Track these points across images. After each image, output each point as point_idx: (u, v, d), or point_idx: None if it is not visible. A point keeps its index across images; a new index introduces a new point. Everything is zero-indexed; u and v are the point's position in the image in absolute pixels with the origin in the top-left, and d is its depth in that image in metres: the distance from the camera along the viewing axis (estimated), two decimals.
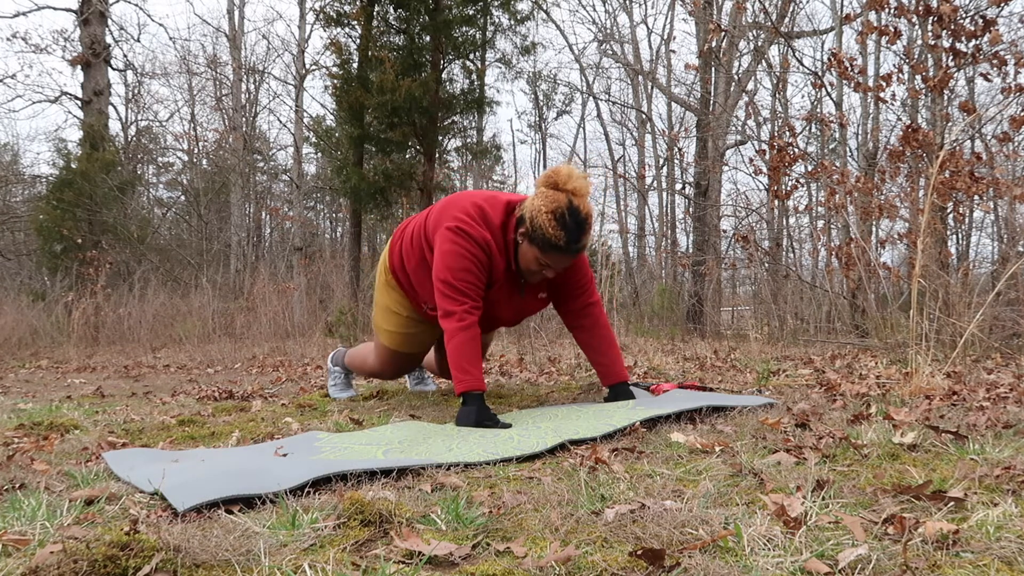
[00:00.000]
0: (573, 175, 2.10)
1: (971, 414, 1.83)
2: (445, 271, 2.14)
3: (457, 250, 2.13)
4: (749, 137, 8.86)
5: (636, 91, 16.91)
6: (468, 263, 2.14)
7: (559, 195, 2.08)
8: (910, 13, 4.93)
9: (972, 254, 9.99)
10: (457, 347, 2.09)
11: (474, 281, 2.15)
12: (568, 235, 2.07)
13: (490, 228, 2.18)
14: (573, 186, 2.09)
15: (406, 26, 8.90)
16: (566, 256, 2.13)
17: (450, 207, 2.22)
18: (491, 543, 1.03)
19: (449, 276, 2.13)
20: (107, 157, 12.11)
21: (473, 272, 2.15)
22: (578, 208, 2.08)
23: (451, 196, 2.31)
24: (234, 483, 1.31)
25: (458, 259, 2.13)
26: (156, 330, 7.90)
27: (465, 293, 2.13)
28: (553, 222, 2.05)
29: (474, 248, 2.14)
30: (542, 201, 2.08)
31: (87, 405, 2.93)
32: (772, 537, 0.97)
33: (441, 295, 2.14)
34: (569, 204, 2.07)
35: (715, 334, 7.15)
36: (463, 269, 2.13)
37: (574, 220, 2.07)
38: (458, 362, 2.07)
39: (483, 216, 2.18)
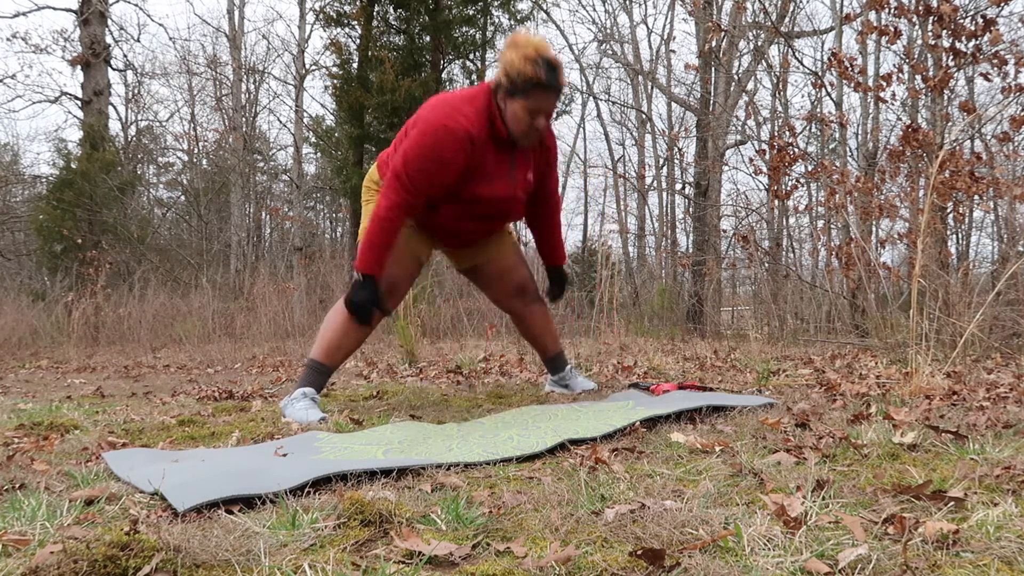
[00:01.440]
0: (531, 36, 2.26)
1: (971, 414, 1.83)
2: (401, 160, 2.23)
3: (425, 145, 2.20)
4: (749, 137, 8.86)
5: (636, 91, 16.92)
6: (433, 162, 2.21)
7: (526, 47, 2.21)
8: (910, 13, 4.93)
9: (972, 254, 9.99)
10: (375, 234, 2.23)
11: (424, 181, 2.23)
12: (546, 71, 2.20)
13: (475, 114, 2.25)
14: (535, 41, 2.23)
15: (406, 26, 8.90)
16: (549, 94, 2.25)
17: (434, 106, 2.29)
18: (491, 543, 1.03)
19: (401, 167, 2.22)
20: (107, 157, 12.11)
21: (430, 172, 2.22)
22: (546, 52, 2.23)
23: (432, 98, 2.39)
24: (234, 483, 1.31)
25: (420, 154, 2.21)
26: (156, 330, 7.90)
27: (409, 188, 2.22)
28: (529, 64, 2.18)
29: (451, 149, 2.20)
30: (512, 54, 2.21)
31: (87, 405, 2.93)
32: (772, 537, 0.97)
33: (387, 179, 2.26)
34: (536, 50, 2.21)
35: (715, 334, 7.15)
36: (421, 165, 2.21)
37: (546, 61, 2.21)
38: (370, 247, 2.23)
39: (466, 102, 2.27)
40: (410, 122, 2.36)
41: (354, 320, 2.34)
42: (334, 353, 2.43)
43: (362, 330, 2.43)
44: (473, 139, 2.22)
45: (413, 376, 3.73)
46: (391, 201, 2.24)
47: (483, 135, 2.26)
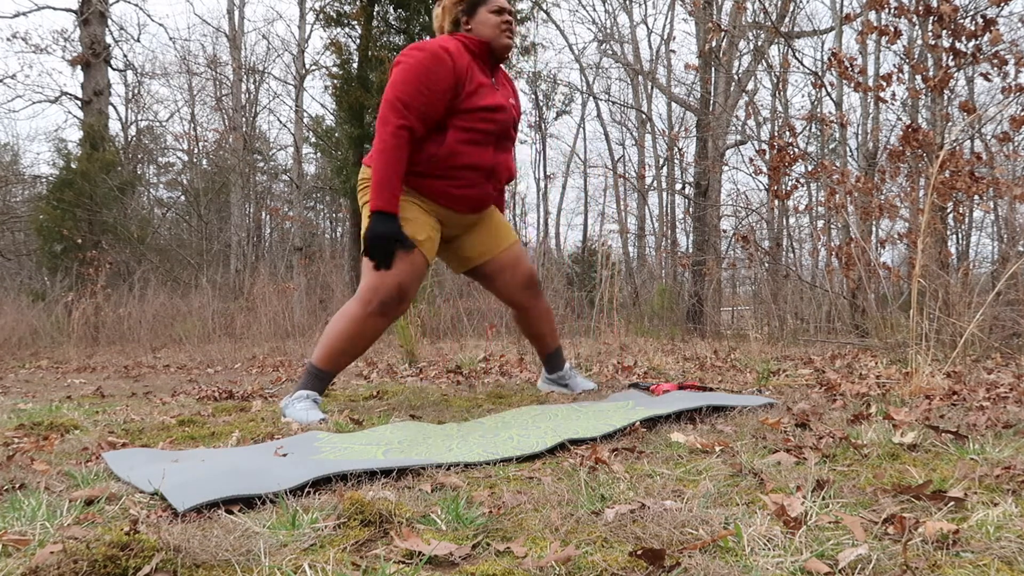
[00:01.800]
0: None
1: (971, 414, 1.83)
2: (391, 89, 2.25)
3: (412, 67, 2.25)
4: (749, 137, 8.86)
5: (636, 91, 16.92)
6: (421, 78, 2.24)
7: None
8: (910, 13, 4.93)
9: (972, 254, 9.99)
10: (385, 163, 2.23)
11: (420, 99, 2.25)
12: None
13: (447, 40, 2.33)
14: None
15: (406, 26, 8.91)
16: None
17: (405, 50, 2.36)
18: (491, 543, 1.03)
19: (392, 94, 2.24)
20: (107, 157, 12.11)
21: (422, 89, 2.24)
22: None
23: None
24: (234, 483, 1.31)
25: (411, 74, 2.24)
26: (156, 330, 7.90)
27: (407, 106, 2.24)
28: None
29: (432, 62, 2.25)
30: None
31: (87, 405, 2.93)
32: (772, 537, 0.97)
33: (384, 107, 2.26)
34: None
35: (715, 334, 7.15)
36: (412, 84, 2.24)
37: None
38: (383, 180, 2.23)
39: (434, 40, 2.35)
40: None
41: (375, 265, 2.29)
42: (337, 359, 2.36)
43: (368, 341, 2.37)
44: (449, 52, 2.29)
45: (413, 376, 3.73)
46: (391, 125, 2.24)
47: (462, 56, 2.34)
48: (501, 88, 2.49)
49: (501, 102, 2.43)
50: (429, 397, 2.79)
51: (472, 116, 2.35)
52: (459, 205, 2.49)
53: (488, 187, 2.50)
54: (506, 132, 2.48)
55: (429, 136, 2.36)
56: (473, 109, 2.35)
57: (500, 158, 2.50)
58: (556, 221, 21.23)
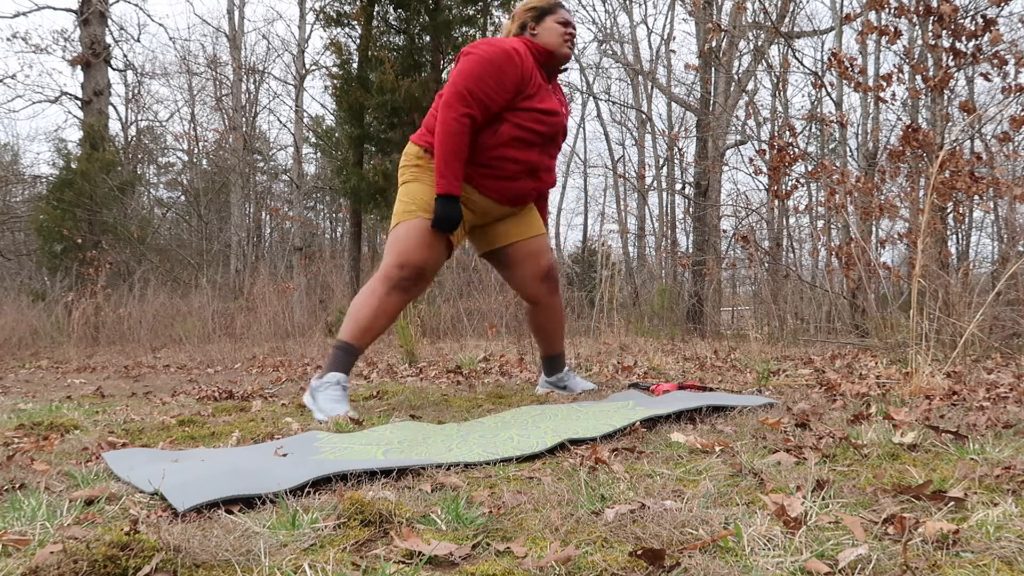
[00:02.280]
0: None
1: (971, 414, 1.83)
2: (459, 77, 2.32)
3: (475, 63, 2.32)
4: (749, 137, 8.86)
5: (636, 91, 16.92)
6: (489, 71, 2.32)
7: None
8: (910, 13, 4.93)
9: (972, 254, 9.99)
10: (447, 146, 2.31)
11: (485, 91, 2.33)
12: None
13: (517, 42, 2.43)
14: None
15: (406, 26, 8.90)
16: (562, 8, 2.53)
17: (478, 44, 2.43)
18: (491, 543, 1.03)
19: (460, 81, 2.31)
20: (107, 157, 12.11)
21: (488, 82, 2.32)
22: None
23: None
24: (234, 483, 1.31)
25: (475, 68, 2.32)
26: (156, 330, 7.90)
27: (474, 97, 2.31)
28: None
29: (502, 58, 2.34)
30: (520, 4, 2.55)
31: (87, 405, 2.93)
32: (772, 537, 0.97)
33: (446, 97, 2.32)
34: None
35: (715, 334, 7.15)
36: (476, 77, 2.31)
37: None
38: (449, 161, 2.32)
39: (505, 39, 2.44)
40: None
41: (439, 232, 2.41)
42: (363, 335, 2.43)
43: (391, 317, 2.45)
44: (519, 52, 2.38)
45: (413, 376, 3.73)
46: (455, 111, 2.31)
47: (528, 58, 2.43)
48: (556, 94, 2.57)
49: (556, 108, 2.51)
50: (429, 397, 2.79)
51: (528, 115, 2.43)
52: (499, 195, 2.54)
53: (529, 184, 2.57)
54: (555, 137, 2.55)
55: (488, 127, 2.43)
56: (531, 109, 2.43)
57: (544, 161, 2.57)
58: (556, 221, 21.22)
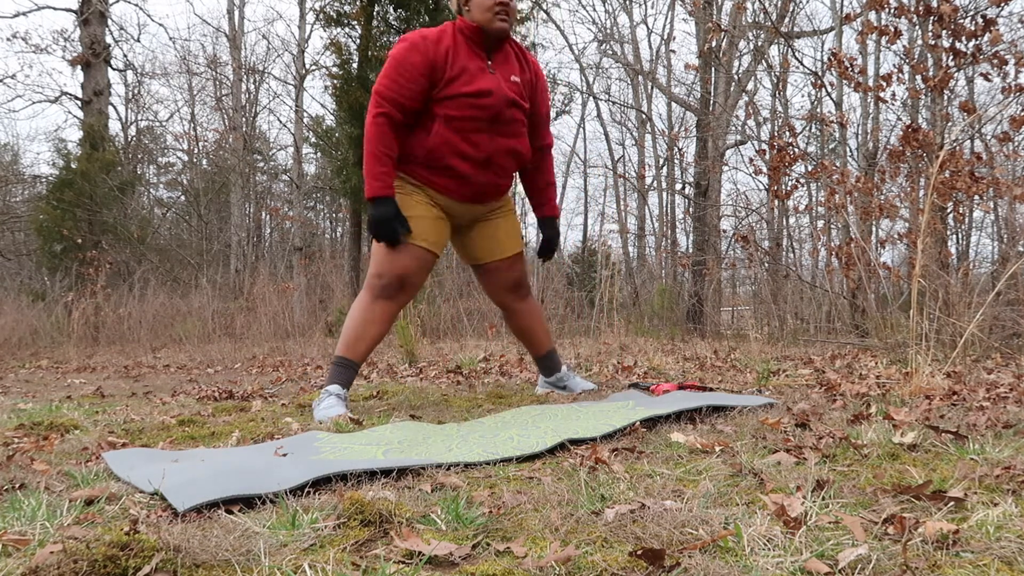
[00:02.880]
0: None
1: (971, 414, 1.83)
2: (376, 83, 2.37)
3: (391, 61, 2.35)
4: (749, 137, 8.86)
5: (636, 91, 16.91)
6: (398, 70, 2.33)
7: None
8: (910, 13, 4.93)
9: (972, 254, 9.99)
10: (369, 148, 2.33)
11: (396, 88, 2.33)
12: None
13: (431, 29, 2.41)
14: None
15: (406, 26, 8.90)
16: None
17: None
18: (491, 543, 1.03)
19: (377, 85, 2.35)
20: (107, 157, 12.10)
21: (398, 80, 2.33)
22: None
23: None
24: (234, 483, 1.31)
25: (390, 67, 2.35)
26: (156, 330, 7.90)
27: (384, 97, 2.34)
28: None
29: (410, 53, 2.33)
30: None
31: (87, 405, 2.93)
32: (772, 537, 0.97)
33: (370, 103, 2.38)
34: None
35: (715, 334, 7.15)
36: (390, 76, 2.34)
37: None
38: (370, 165, 2.33)
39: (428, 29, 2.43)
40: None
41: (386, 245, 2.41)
42: (354, 348, 2.45)
43: (380, 325, 2.45)
44: (427, 39, 2.36)
45: (413, 376, 3.73)
46: (370, 114, 2.35)
47: (445, 41, 2.38)
48: (500, 69, 2.46)
49: (486, 86, 2.39)
50: (429, 397, 2.79)
51: (456, 102, 2.37)
52: (458, 195, 2.51)
53: (488, 176, 2.49)
54: (497, 116, 2.42)
55: (422, 127, 2.41)
56: (456, 96, 2.36)
57: (499, 144, 2.45)
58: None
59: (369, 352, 2.52)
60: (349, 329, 2.47)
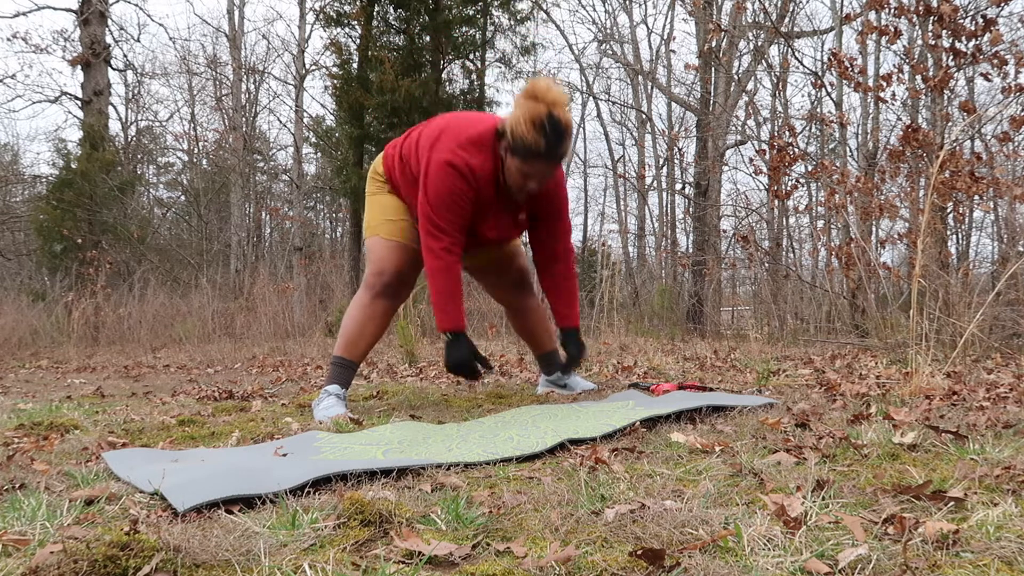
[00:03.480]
0: (551, 87, 2.15)
1: (971, 414, 1.83)
2: (427, 205, 2.23)
3: (443, 187, 2.20)
4: (749, 137, 8.86)
5: (636, 91, 16.91)
6: (452, 200, 2.21)
7: (538, 105, 2.12)
8: (910, 13, 4.93)
9: (972, 254, 9.99)
10: (437, 286, 2.24)
11: (455, 220, 2.24)
12: (547, 141, 2.13)
13: (481, 152, 2.23)
14: (552, 97, 2.13)
15: (406, 26, 8.90)
16: (547, 164, 2.20)
17: (443, 135, 2.25)
18: (491, 543, 1.03)
19: (431, 211, 2.22)
20: (107, 157, 12.10)
21: (455, 210, 2.23)
22: (558, 117, 2.13)
23: (442, 119, 2.34)
24: (234, 483, 1.31)
25: (443, 196, 2.20)
26: (156, 330, 7.89)
27: (445, 231, 2.24)
28: (533, 130, 2.11)
29: (460, 183, 2.21)
30: (521, 111, 2.12)
31: (87, 405, 2.93)
32: (772, 537, 0.97)
33: (424, 230, 2.25)
34: (549, 113, 2.11)
35: (715, 334, 7.15)
36: (446, 207, 2.21)
37: (553, 128, 2.12)
38: (439, 301, 2.24)
39: (474, 143, 2.23)
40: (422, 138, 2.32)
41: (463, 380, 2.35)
42: (353, 347, 2.46)
43: (379, 322, 2.45)
44: (477, 177, 2.23)
45: (413, 376, 3.73)
46: (439, 247, 2.24)
47: (488, 177, 2.26)
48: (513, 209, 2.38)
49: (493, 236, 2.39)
50: (429, 397, 2.79)
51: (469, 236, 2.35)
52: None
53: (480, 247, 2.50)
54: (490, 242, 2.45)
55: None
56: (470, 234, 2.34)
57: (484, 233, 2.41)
58: None
59: (368, 351, 2.52)
60: (348, 329, 2.47)
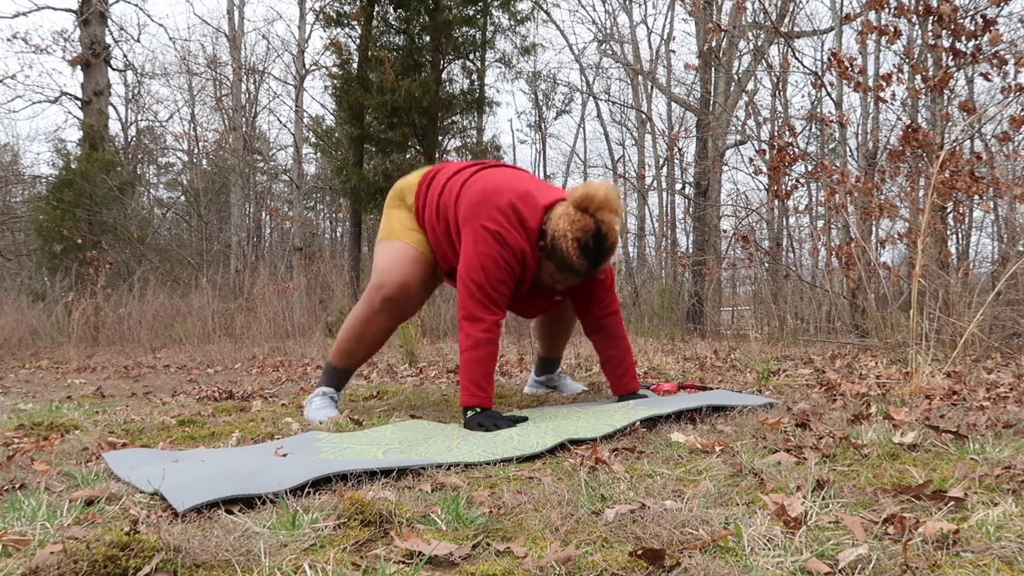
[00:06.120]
0: (609, 199, 2.03)
1: (971, 414, 1.83)
2: (481, 274, 2.06)
3: (495, 257, 2.06)
4: (749, 137, 8.86)
5: (636, 91, 16.91)
6: (504, 273, 2.07)
7: (587, 219, 2.02)
8: (910, 13, 4.93)
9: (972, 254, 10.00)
10: (476, 359, 2.03)
11: (506, 292, 2.10)
12: (589, 262, 2.05)
13: (526, 231, 2.09)
14: (603, 216, 2.03)
15: (406, 26, 8.90)
16: (580, 279, 2.12)
17: (487, 202, 2.11)
18: (491, 543, 1.03)
19: (484, 282, 2.06)
20: (107, 157, 12.10)
21: (507, 283, 2.09)
22: (605, 235, 2.03)
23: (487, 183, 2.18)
24: (234, 483, 1.31)
25: (495, 267, 2.06)
26: (156, 330, 7.89)
27: (497, 303, 2.08)
28: (576, 249, 2.01)
29: (509, 256, 2.07)
30: (568, 224, 2.01)
31: (87, 405, 2.93)
32: (772, 537, 0.97)
33: (472, 297, 2.07)
34: (596, 231, 2.02)
35: (715, 334, 7.15)
36: (499, 279, 2.07)
37: (598, 247, 2.03)
38: (473, 375, 2.02)
39: (520, 220, 2.09)
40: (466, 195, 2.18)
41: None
42: (348, 358, 2.43)
43: (376, 340, 2.38)
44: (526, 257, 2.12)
45: (413, 376, 3.73)
46: (491, 320, 2.07)
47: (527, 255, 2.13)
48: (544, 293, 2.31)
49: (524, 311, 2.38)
50: (429, 397, 2.79)
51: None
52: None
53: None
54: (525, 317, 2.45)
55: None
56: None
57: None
58: None
59: (362, 363, 2.49)
60: (342, 341, 2.40)
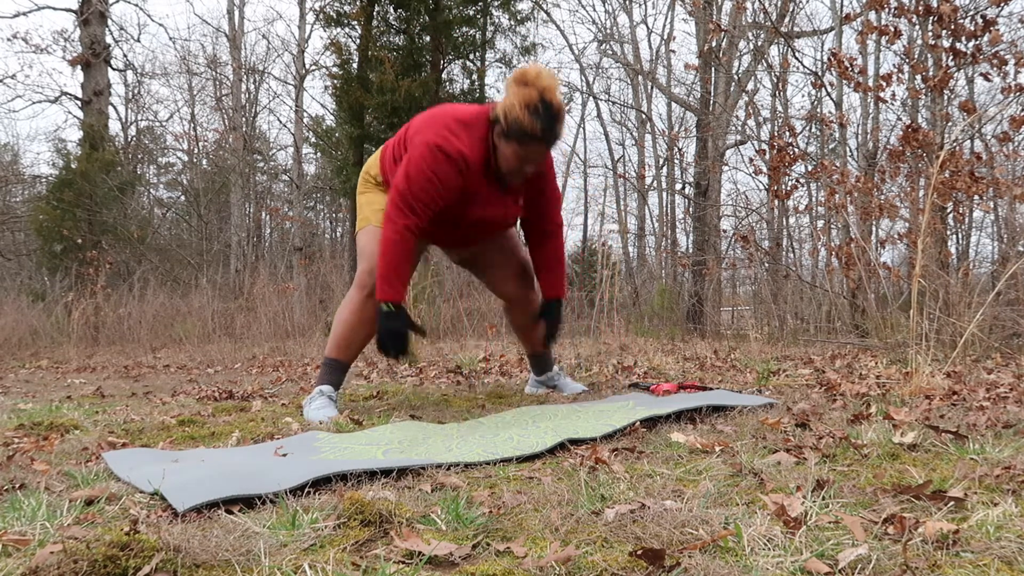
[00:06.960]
0: (542, 72, 2.18)
1: (971, 414, 1.83)
2: (405, 182, 2.21)
3: (424, 170, 2.19)
4: (749, 137, 8.86)
5: (636, 91, 16.92)
6: (432, 184, 2.19)
7: (530, 90, 2.15)
8: (910, 13, 4.93)
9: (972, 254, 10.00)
10: (388, 257, 2.21)
11: (428, 203, 2.22)
12: (543, 124, 2.15)
13: (471, 140, 2.22)
14: (543, 83, 2.16)
15: (406, 26, 8.91)
16: (543, 146, 2.22)
17: (431, 121, 2.26)
18: (491, 543, 1.03)
19: (407, 190, 2.20)
20: (107, 157, 12.11)
21: (431, 194, 2.21)
22: (550, 101, 2.16)
23: (431, 109, 2.35)
24: (234, 483, 1.31)
25: (421, 178, 2.19)
26: (156, 330, 7.89)
27: (414, 211, 2.21)
28: (528, 114, 2.14)
29: (446, 166, 2.19)
30: (514, 97, 2.15)
31: (87, 405, 2.93)
32: (772, 537, 0.97)
33: (392, 203, 2.23)
34: (541, 97, 2.14)
35: (715, 334, 7.15)
36: (423, 189, 2.20)
37: (547, 111, 2.15)
38: (386, 272, 2.21)
39: (463, 124, 2.23)
40: (411, 128, 2.34)
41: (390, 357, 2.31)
42: (345, 350, 2.44)
43: (373, 325, 2.39)
44: (468, 163, 2.22)
45: (413, 376, 3.73)
46: (399, 224, 2.22)
47: (478, 163, 2.25)
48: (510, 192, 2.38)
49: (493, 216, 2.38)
50: (429, 397, 2.79)
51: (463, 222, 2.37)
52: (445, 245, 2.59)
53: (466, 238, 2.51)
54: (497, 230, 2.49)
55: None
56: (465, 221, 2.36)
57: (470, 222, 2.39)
58: None
59: (359, 352, 2.50)
60: (339, 331, 2.43)
